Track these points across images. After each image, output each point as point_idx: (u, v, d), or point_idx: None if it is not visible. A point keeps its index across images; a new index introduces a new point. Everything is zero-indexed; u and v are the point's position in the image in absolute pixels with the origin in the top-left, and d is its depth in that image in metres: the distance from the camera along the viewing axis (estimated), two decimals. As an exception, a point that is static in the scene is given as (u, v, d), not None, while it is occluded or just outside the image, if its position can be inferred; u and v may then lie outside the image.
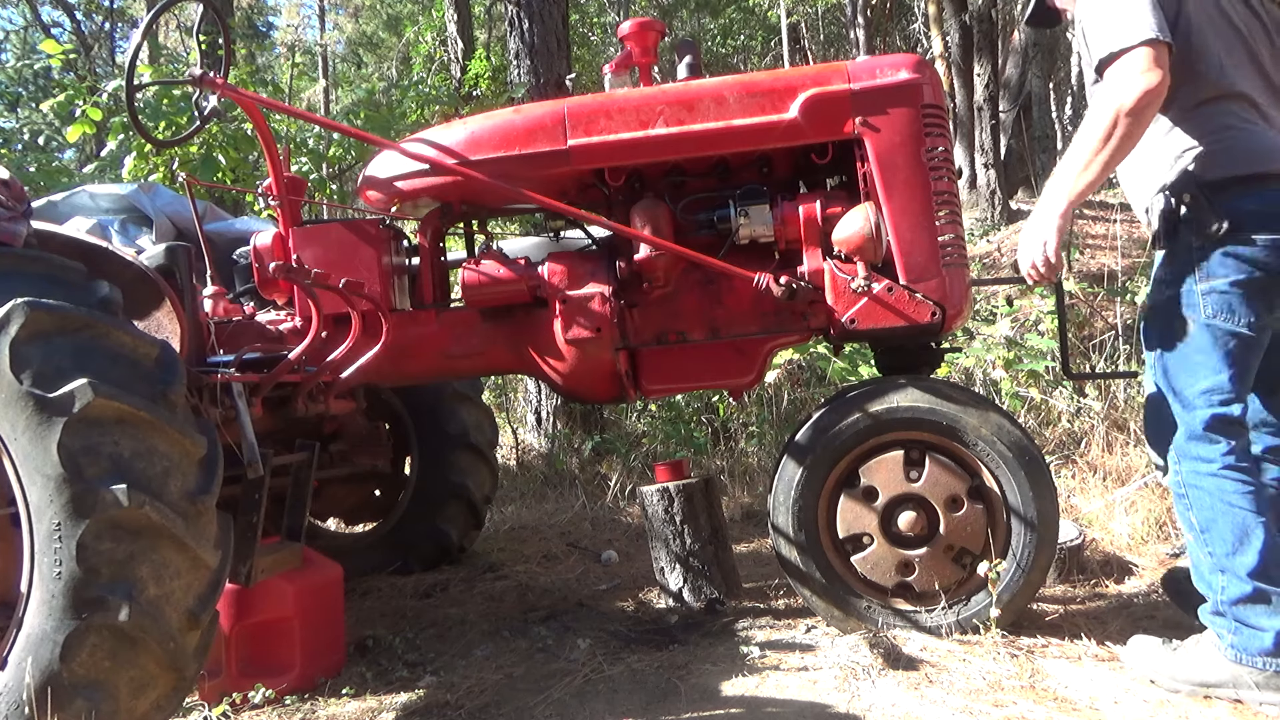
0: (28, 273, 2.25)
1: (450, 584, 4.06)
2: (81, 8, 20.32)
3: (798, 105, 2.94)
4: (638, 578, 3.96)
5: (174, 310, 2.86)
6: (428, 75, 11.84)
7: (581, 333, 3.00)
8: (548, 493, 5.73)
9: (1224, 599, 2.44)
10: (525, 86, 6.35)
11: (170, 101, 6.23)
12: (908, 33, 17.72)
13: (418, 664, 3.07)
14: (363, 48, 24.13)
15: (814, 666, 2.74)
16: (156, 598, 2.04)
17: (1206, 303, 2.40)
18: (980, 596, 2.84)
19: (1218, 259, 2.39)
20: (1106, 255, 8.97)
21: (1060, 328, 3.39)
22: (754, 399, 5.98)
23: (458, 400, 4.27)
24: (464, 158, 3.04)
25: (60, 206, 3.81)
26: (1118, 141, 2.35)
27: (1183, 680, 2.50)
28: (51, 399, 2.01)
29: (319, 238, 3.19)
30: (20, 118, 14.92)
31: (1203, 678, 2.47)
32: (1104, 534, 3.97)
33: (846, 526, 2.91)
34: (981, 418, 2.83)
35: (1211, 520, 2.43)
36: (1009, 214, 12.30)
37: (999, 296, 7.13)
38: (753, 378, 3.13)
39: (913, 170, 2.91)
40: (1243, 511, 2.40)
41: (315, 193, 6.75)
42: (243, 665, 2.87)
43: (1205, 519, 2.45)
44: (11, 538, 2.21)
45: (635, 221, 3.04)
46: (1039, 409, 5.29)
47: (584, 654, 3.01)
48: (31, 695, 1.96)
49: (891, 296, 2.91)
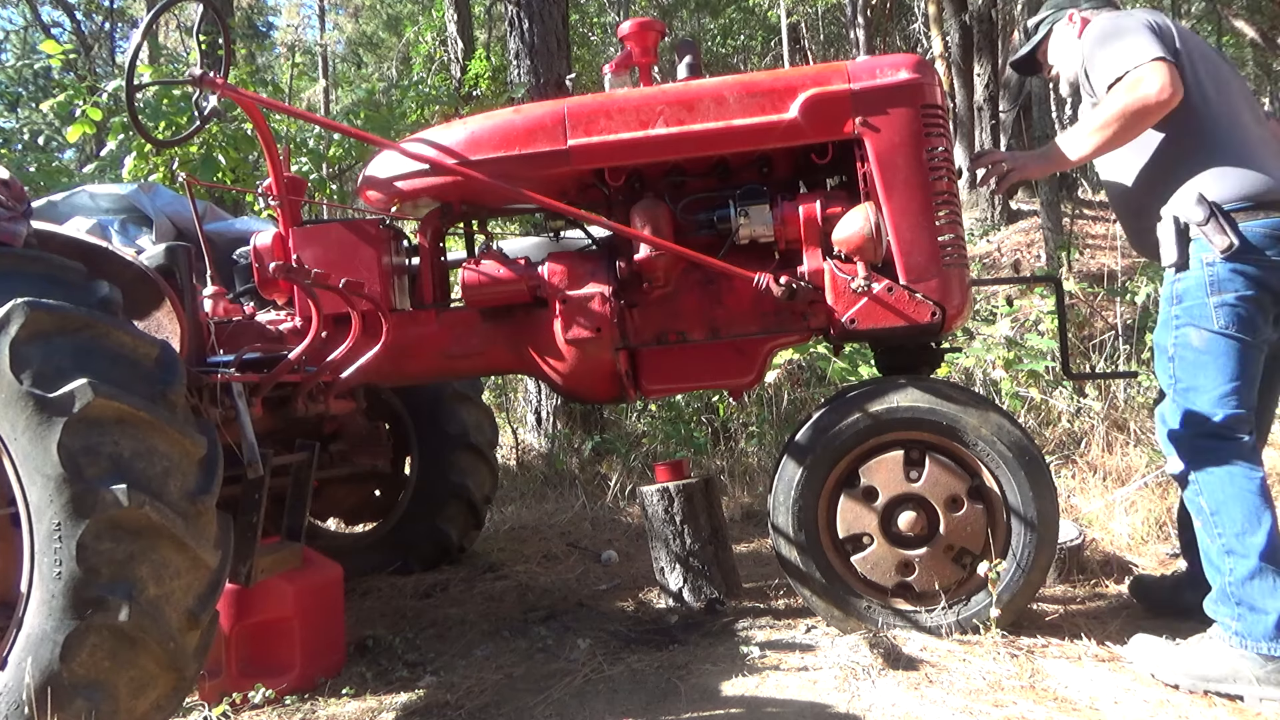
0: (28, 273, 2.25)
1: (450, 584, 4.06)
2: (81, 8, 20.32)
3: (798, 105, 2.94)
4: (638, 578, 3.96)
5: (174, 310, 2.85)
6: (428, 75, 11.84)
7: (581, 333, 3.00)
8: (548, 493, 5.73)
9: (1232, 580, 2.51)
10: (525, 86, 6.35)
11: (170, 101, 6.22)
12: (908, 33, 17.72)
13: (418, 664, 3.07)
14: (363, 48, 24.13)
15: (814, 666, 2.74)
16: (156, 598, 2.04)
17: (1219, 315, 2.58)
18: (980, 596, 2.84)
19: (1228, 274, 2.58)
20: (1106, 255, 8.98)
21: (1060, 328, 3.39)
22: (754, 399, 5.98)
23: (458, 400, 4.27)
24: (464, 158, 3.04)
25: (60, 206, 3.80)
26: (1115, 131, 2.66)
27: (1183, 674, 2.52)
28: (51, 399, 2.01)
29: (319, 238, 3.19)
30: (20, 118, 14.91)
31: (1203, 671, 2.51)
32: (1104, 534, 3.98)
33: (846, 526, 2.91)
34: (981, 418, 2.84)
35: (1222, 503, 2.55)
36: (1009, 214, 12.30)
37: (999, 296, 7.14)
38: (753, 378, 3.13)
39: (913, 170, 2.91)
40: (1253, 496, 2.53)
41: (315, 193, 6.75)
42: (243, 665, 2.87)
43: (1216, 502, 2.56)
44: (11, 538, 2.21)
45: (635, 221, 3.04)
46: (1039, 409, 5.30)
47: (584, 654, 3.01)
48: (31, 695, 1.96)
49: (891, 296, 2.90)
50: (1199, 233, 2.61)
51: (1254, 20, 14.60)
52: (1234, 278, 2.57)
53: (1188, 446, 2.63)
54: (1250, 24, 14.61)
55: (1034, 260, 10.16)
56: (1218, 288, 2.58)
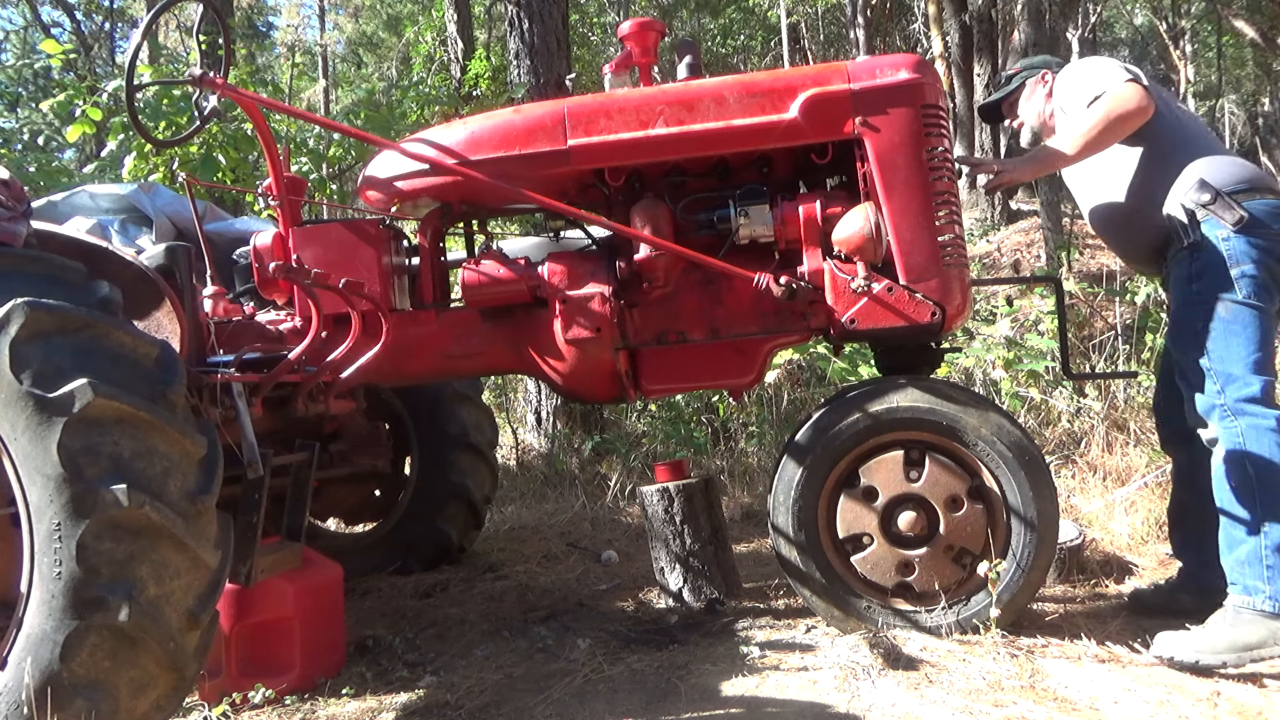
0: (28, 273, 2.25)
1: (450, 584, 4.06)
2: (81, 8, 20.31)
3: (798, 105, 2.94)
4: (638, 578, 3.96)
5: (174, 310, 2.85)
6: (428, 75, 11.83)
7: (581, 333, 3.00)
8: (548, 493, 5.73)
9: (1268, 544, 2.61)
10: (525, 86, 6.35)
11: (170, 101, 6.22)
12: (908, 33, 17.73)
13: (418, 664, 3.07)
14: (363, 48, 24.13)
15: (814, 666, 2.74)
16: (156, 598, 2.04)
17: (1240, 286, 2.75)
18: (980, 596, 2.84)
19: (1244, 247, 2.76)
20: (1106, 255, 8.97)
21: (1060, 328, 3.39)
22: (754, 399, 5.98)
23: (458, 400, 4.27)
24: (464, 158, 3.04)
25: (60, 206, 3.81)
26: (1098, 134, 2.88)
27: (1224, 649, 2.57)
28: (51, 399, 2.01)
29: (319, 238, 3.19)
30: (20, 118, 14.89)
31: (1243, 640, 2.57)
32: (1104, 534, 3.98)
33: (846, 526, 2.91)
34: (981, 418, 2.84)
35: (1268, 468, 2.66)
36: (1009, 214, 12.30)
37: (999, 296, 7.14)
38: (753, 378, 3.13)
39: (913, 170, 2.91)
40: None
41: (315, 193, 6.75)
42: (243, 665, 2.87)
43: (1262, 466, 2.66)
44: (11, 538, 2.21)
45: (635, 221, 3.04)
46: (1039, 409, 5.30)
47: (584, 654, 3.01)
48: (31, 695, 1.96)
49: (891, 296, 2.90)
50: (1207, 213, 2.78)
51: (1254, 20, 14.60)
52: (1250, 249, 2.75)
53: (1232, 411, 2.72)
54: (1250, 24, 14.61)
55: (1034, 260, 10.17)
56: (1236, 260, 2.75)
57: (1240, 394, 2.71)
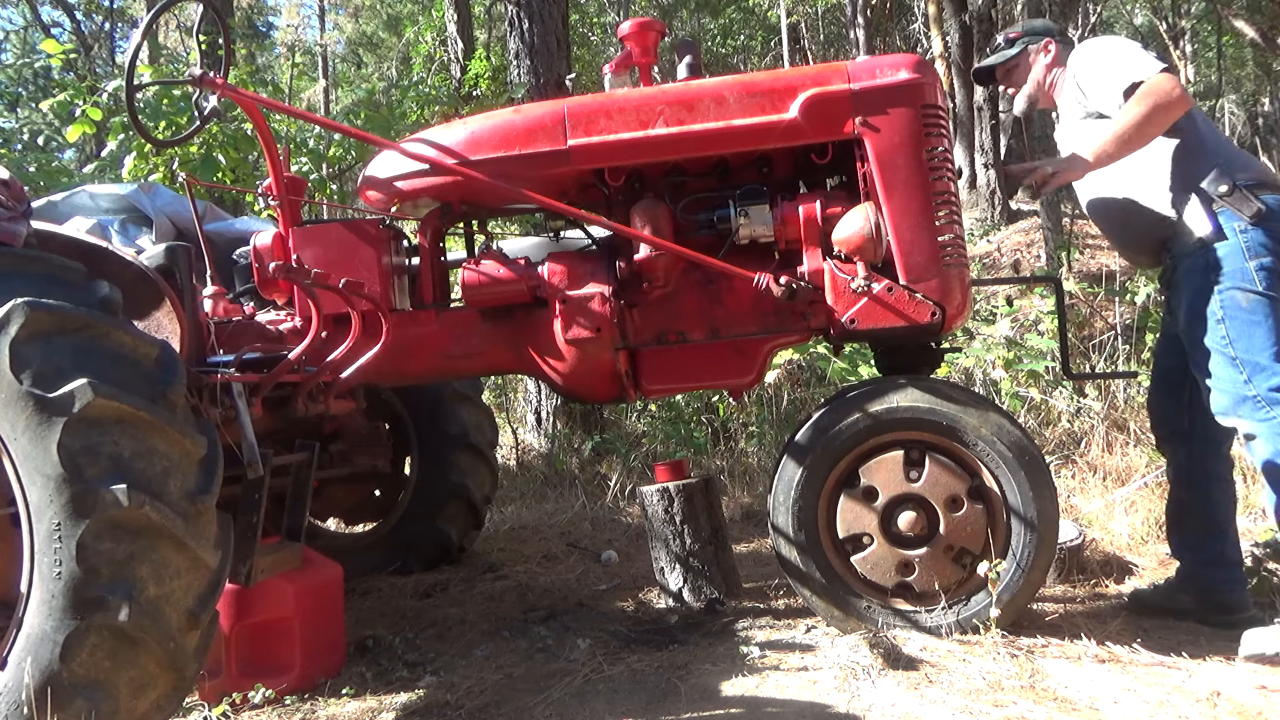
0: (28, 273, 2.25)
1: (450, 584, 4.06)
2: (81, 8, 20.31)
3: (798, 105, 2.94)
4: (638, 578, 3.96)
5: (174, 310, 2.85)
6: (428, 75, 11.84)
7: (581, 333, 3.00)
8: (548, 493, 5.73)
9: None
10: (525, 86, 6.35)
11: (170, 101, 6.22)
12: (908, 33, 17.72)
13: (418, 664, 3.07)
14: (363, 48, 24.13)
15: (814, 666, 2.74)
16: (156, 598, 2.04)
17: (1259, 278, 2.80)
18: (980, 596, 2.84)
19: (1261, 239, 2.82)
20: (1106, 255, 8.98)
21: (1060, 328, 3.39)
22: (754, 399, 5.98)
23: (458, 400, 4.27)
24: (464, 158, 3.04)
25: (60, 206, 3.80)
26: (1145, 129, 2.84)
27: None
28: (51, 399, 2.01)
29: (319, 238, 3.19)
30: (20, 118, 14.89)
31: None
32: (1104, 534, 3.98)
33: (846, 526, 2.91)
34: (981, 418, 2.83)
35: None
36: (1009, 214, 12.29)
37: (999, 296, 7.13)
38: (753, 378, 3.13)
39: (913, 170, 2.91)
40: None
41: (315, 193, 6.74)
42: (243, 665, 2.87)
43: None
44: (11, 538, 2.21)
45: (635, 221, 3.04)
46: (1039, 409, 5.30)
47: (584, 654, 3.01)
48: (31, 695, 1.96)
49: (891, 296, 2.90)
50: (1224, 204, 2.84)
51: (1254, 20, 14.60)
52: (1267, 241, 2.81)
53: (1266, 402, 2.75)
54: (1250, 24, 14.61)
55: (1034, 260, 10.16)
56: (1254, 252, 2.81)
57: (1271, 383, 2.75)
